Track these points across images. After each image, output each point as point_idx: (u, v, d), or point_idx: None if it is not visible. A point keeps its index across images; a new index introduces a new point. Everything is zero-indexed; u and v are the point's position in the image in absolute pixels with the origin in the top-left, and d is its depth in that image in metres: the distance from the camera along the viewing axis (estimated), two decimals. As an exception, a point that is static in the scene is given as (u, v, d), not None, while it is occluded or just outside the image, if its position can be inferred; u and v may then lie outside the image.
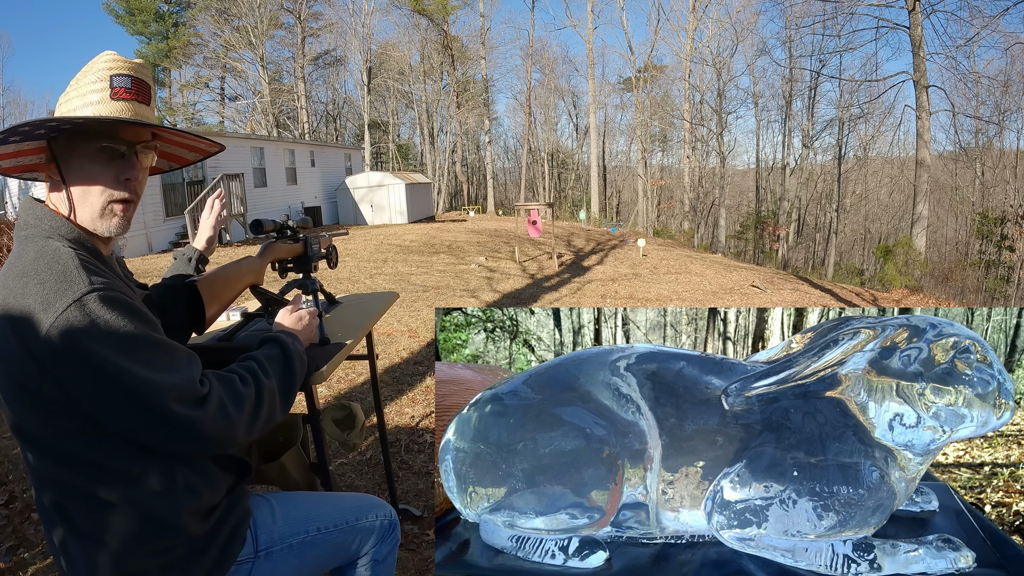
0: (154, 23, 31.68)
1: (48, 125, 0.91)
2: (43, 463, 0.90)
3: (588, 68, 31.60)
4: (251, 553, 1.05)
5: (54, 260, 0.86)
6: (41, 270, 0.85)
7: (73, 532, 0.92)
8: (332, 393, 3.72)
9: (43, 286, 0.83)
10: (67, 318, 0.81)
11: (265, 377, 1.03)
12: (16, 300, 0.83)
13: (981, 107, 25.00)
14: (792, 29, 28.29)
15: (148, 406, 0.84)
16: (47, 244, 0.89)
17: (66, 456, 0.88)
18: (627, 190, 39.63)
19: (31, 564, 2.00)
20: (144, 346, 0.86)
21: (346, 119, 39.28)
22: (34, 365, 0.83)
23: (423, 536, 2.18)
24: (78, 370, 0.82)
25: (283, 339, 1.13)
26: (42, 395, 0.84)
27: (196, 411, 0.88)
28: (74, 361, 0.82)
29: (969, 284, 21.23)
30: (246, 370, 1.02)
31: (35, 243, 0.90)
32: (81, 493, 0.89)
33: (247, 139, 17.47)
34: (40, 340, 0.81)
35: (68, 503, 0.91)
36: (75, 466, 0.88)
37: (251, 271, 1.39)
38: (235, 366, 1.03)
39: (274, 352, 1.10)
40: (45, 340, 0.81)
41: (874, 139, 30.27)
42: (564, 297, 8.28)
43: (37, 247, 0.89)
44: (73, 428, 0.87)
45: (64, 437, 0.87)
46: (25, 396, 0.86)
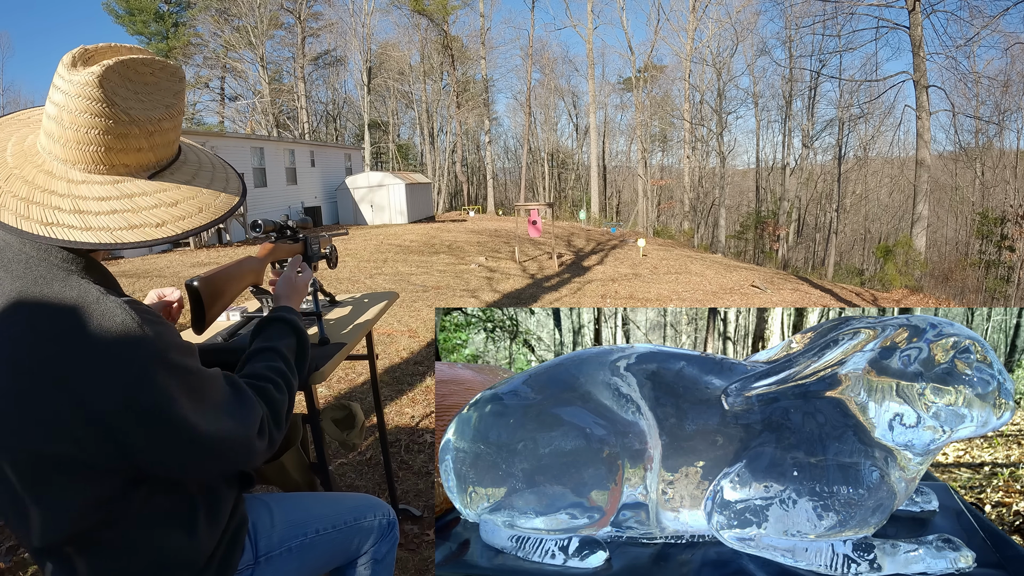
0: (154, 23, 31.67)
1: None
2: (53, 527, 0.81)
3: (588, 68, 31.62)
4: (251, 560, 1.04)
5: (106, 315, 0.75)
6: (93, 330, 0.74)
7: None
8: (332, 393, 3.72)
9: (107, 352, 0.74)
10: (143, 381, 0.75)
11: (294, 378, 1.04)
12: (71, 365, 0.73)
13: (981, 107, 25.02)
14: (792, 29, 28.33)
15: (223, 457, 0.84)
16: (83, 289, 0.77)
17: (84, 512, 0.81)
18: (627, 190, 39.63)
19: (31, 564, 2.00)
20: (206, 389, 0.83)
21: (346, 119, 39.31)
22: (92, 429, 0.75)
23: (423, 536, 2.17)
24: (152, 430, 0.77)
25: (298, 325, 1.13)
26: (82, 461, 0.77)
27: (257, 443, 0.89)
28: (149, 421, 0.76)
29: (969, 284, 21.23)
30: (278, 374, 1.01)
31: (59, 288, 0.77)
32: (94, 541, 0.84)
33: (247, 139, 17.47)
34: (110, 406, 0.74)
35: (74, 551, 0.85)
36: (92, 520, 0.82)
37: (251, 271, 1.38)
38: (266, 370, 1.01)
39: (292, 343, 1.10)
40: (116, 406, 0.74)
41: (874, 139, 30.30)
42: (564, 297, 8.28)
43: (74, 296, 0.76)
44: (106, 487, 0.80)
45: (90, 497, 0.80)
46: (60, 463, 0.77)
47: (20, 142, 0.85)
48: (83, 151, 0.79)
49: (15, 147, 0.84)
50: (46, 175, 0.80)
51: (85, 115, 0.77)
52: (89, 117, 0.78)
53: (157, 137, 0.84)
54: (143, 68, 0.84)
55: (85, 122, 0.78)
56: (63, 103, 0.77)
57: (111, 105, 0.78)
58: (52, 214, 0.77)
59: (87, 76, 0.76)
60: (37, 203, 0.77)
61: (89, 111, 0.77)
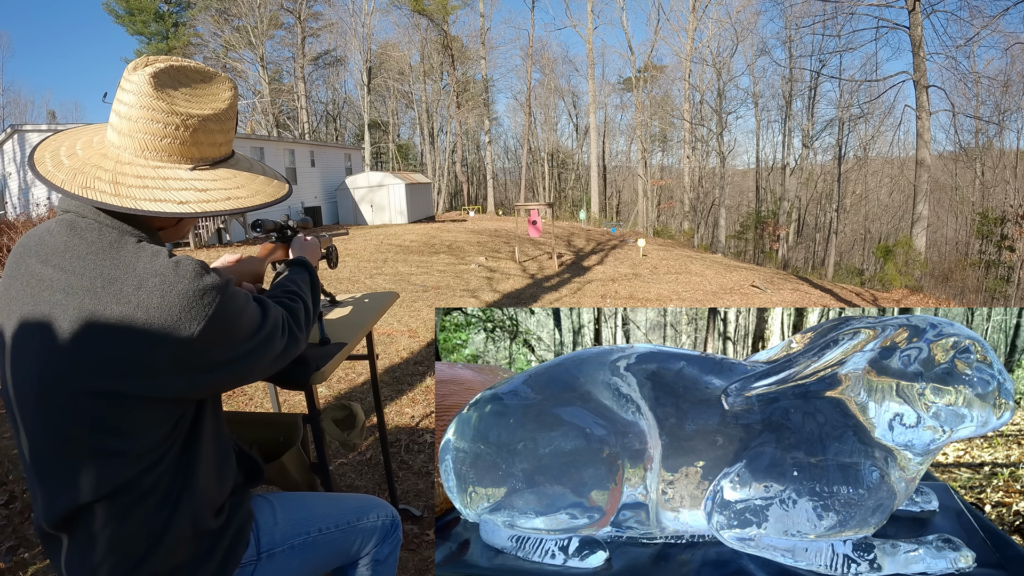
0: (154, 23, 31.69)
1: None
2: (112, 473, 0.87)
3: (588, 68, 31.64)
4: (254, 555, 1.05)
5: (182, 268, 0.87)
6: (172, 279, 0.86)
7: (82, 544, 0.90)
8: (332, 393, 3.72)
9: (185, 297, 0.85)
10: (214, 320, 0.87)
11: (307, 296, 1.18)
12: (155, 311, 0.84)
13: (981, 107, 25.03)
14: (792, 29, 28.34)
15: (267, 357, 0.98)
16: (155, 251, 0.89)
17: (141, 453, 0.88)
18: (627, 190, 39.64)
19: (31, 564, 2.00)
20: (251, 312, 0.96)
21: (346, 119, 39.34)
22: (174, 368, 0.86)
23: (423, 536, 2.18)
24: (223, 363, 0.90)
25: (308, 263, 1.29)
26: (151, 397, 0.86)
27: (279, 340, 1.01)
28: (221, 356, 0.90)
29: (969, 284, 21.24)
30: (291, 294, 1.15)
31: (133, 249, 0.88)
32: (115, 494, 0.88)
33: (247, 139, 17.48)
34: (192, 346, 0.86)
35: (83, 513, 0.88)
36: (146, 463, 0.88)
37: (251, 271, 1.39)
38: (282, 294, 1.14)
39: (305, 276, 1.24)
40: (197, 345, 0.86)
41: (874, 139, 30.33)
42: (564, 297, 8.28)
43: (143, 255, 0.88)
44: (157, 425, 0.88)
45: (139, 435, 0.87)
46: (128, 402, 0.85)
47: (98, 131, 1.00)
48: (133, 138, 0.92)
49: (93, 137, 0.99)
50: (101, 156, 0.94)
51: (136, 107, 0.90)
52: (139, 109, 0.90)
53: (201, 135, 0.95)
54: (194, 74, 0.98)
55: (136, 113, 0.91)
56: (122, 96, 0.92)
57: (158, 99, 0.90)
58: (93, 182, 0.89)
59: (142, 74, 0.91)
60: (85, 174, 0.91)
61: (139, 104, 0.90)
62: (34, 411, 0.87)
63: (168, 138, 0.92)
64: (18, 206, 12.85)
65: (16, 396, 0.89)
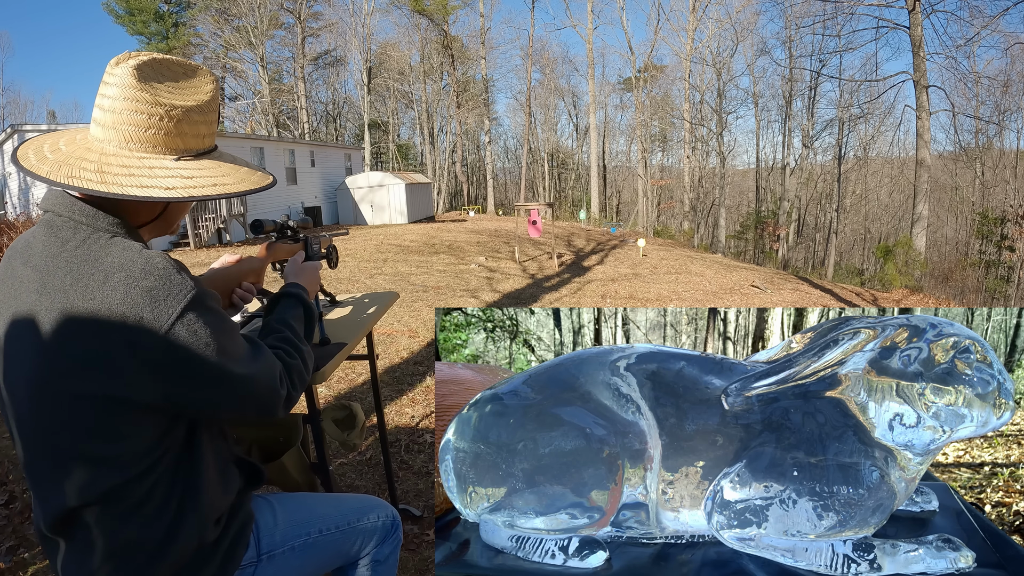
0: (154, 23, 31.68)
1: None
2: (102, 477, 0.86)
3: (588, 68, 31.63)
4: (254, 557, 1.05)
5: (149, 262, 0.85)
6: (138, 275, 0.83)
7: (80, 549, 0.89)
8: (332, 393, 3.72)
9: (151, 294, 0.83)
10: (183, 321, 0.84)
11: (302, 344, 1.12)
12: (118, 307, 0.82)
13: (981, 107, 25.03)
14: (792, 29, 28.33)
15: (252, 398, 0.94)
16: (127, 245, 0.87)
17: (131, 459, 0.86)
18: (627, 190, 39.64)
19: (31, 564, 2.00)
20: (234, 335, 0.92)
21: (346, 119, 39.33)
22: (143, 368, 0.82)
23: (423, 536, 2.18)
24: (194, 373, 0.86)
25: (303, 297, 1.23)
26: (129, 400, 0.83)
27: (280, 390, 0.98)
28: (191, 364, 0.85)
29: (969, 284, 21.23)
30: (287, 343, 1.10)
31: (104, 244, 0.86)
32: (105, 500, 0.87)
33: (247, 139, 17.48)
34: (156, 345, 0.82)
35: (76, 518, 0.88)
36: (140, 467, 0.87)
37: (251, 271, 1.39)
38: (275, 341, 1.09)
39: (300, 313, 1.19)
40: (162, 344, 0.82)
41: (874, 139, 30.32)
42: (564, 297, 8.28)
43: (114, 249, 0.86)
44: (155, 429, 0.87)
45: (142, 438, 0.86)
46: (108, 405, 0.83)
47: (81, 131, 1.00)
48: (118, 131, 0.92)
49: (76, 135, 0.98)
50: (85, 150, 0.93)
51: (120, 99, 0.90)
52: (123, 101, 0.90)
53: (185, 125, 0.95)
54: (177, 67, 0.98)
55: (120, 105, 0.91)
56: (104, 90, 0.92)
57: (142, 90, 0.90)
58: (79, 172, 0.89)
59: (126, 67, 0.91)
60: (70, 165, 0.90)
61: (123, 96, 0.90)
62: (27, 413, 0.87)
63: (152, 129, 0.92)
64: (18, 206, 12.86)
65: (10, 398, 0.89)
